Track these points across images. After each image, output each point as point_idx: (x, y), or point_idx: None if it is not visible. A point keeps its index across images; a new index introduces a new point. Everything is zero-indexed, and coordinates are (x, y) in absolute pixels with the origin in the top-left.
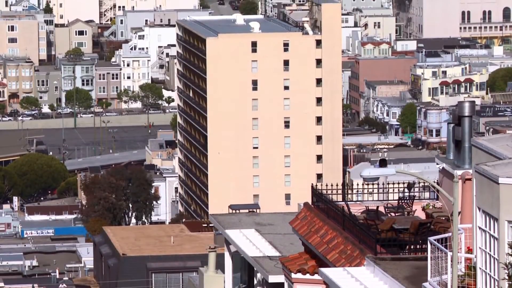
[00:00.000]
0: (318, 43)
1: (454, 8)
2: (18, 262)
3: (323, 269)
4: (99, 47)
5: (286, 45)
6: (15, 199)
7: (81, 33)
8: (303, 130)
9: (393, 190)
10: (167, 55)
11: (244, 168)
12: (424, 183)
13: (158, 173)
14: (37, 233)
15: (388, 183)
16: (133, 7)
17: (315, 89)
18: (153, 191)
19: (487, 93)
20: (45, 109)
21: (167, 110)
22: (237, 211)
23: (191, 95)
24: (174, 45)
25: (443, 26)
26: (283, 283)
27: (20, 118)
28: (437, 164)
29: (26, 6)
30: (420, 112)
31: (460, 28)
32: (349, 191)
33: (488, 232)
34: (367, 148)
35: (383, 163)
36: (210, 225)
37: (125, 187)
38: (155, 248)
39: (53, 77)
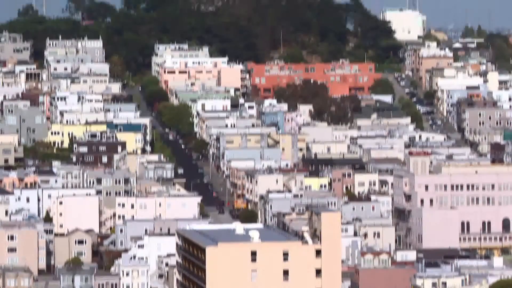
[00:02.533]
0: (318, 252)
1: (454, 218)
2: None
3: None
4: (98, 256)
5: (285, 254)
6: None
7: (80, 242)
8: None
9: None
10: (167, 264)
11: None
12: None
13: None
14: None
15: None
16: (133, 216)
17: None
18: None
19: None
20: None
21: None
22: None
23: None
24: (173, 255)
25: (443, 236)
26: None
27: None
28: None
29: (26, 216)
30: None
31: (460, 238)
32: None
33: None
34: None
35: None
36: None
37: None
38: None
39: (52, 287)
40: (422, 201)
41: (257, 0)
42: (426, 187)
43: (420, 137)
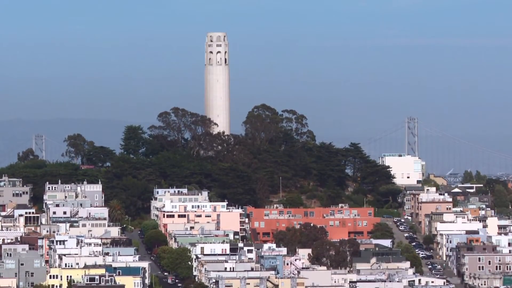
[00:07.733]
0: None
1: None
2: None
3: None
4: None
5: None
6: None
7: None
8: None
9: None
10: None
11: None
12: None
13: None
14: None
15: None
16: None
17: None
18: None
19: None
20: None
21: None
22: None
23: None
24: None
25: None
26: None
27: None
28: None
29: None
30: None
31: None
32: None
33: None
34: None
35: None
36: None
37: None
38: None
39: None
40: None
41: (256, 146)
42: None
43: (419, 281)
